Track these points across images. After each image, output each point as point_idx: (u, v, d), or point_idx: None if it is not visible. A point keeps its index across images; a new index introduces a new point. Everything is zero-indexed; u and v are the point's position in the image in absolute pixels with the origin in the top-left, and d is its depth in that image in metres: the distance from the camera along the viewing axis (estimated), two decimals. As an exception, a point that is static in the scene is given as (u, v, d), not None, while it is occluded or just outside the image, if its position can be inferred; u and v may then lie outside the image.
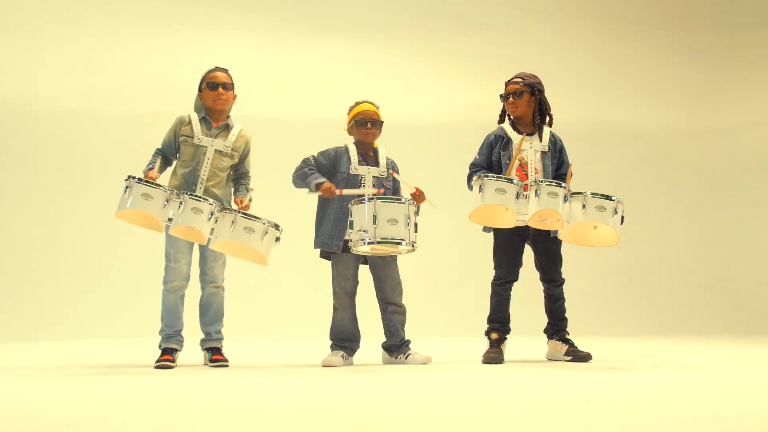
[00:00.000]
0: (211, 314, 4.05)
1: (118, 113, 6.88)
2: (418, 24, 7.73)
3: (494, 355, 4.03)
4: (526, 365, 3.98)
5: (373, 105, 4.11)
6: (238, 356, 4.27)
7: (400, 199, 3.68)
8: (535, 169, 4.06)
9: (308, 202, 4.13)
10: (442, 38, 7.72)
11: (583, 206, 3.56)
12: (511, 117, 4.21)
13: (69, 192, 6.64)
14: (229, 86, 4.05)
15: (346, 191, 3.87)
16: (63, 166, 6.64)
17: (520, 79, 4.17)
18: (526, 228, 3.98)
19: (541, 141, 4.15)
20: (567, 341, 4.17)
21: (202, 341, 4.07)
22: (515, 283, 4.19)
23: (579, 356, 4.08)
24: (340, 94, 7.07)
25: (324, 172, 3.98)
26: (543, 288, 4.22)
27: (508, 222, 3.79)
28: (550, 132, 4.21)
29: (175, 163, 4.06)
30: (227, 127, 4.08)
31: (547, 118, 4.22)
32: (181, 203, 3.57)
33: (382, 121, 4.11)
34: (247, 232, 3.61)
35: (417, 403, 2.53)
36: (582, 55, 8.00)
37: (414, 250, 3.69)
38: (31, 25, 6.90)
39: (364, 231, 3.57)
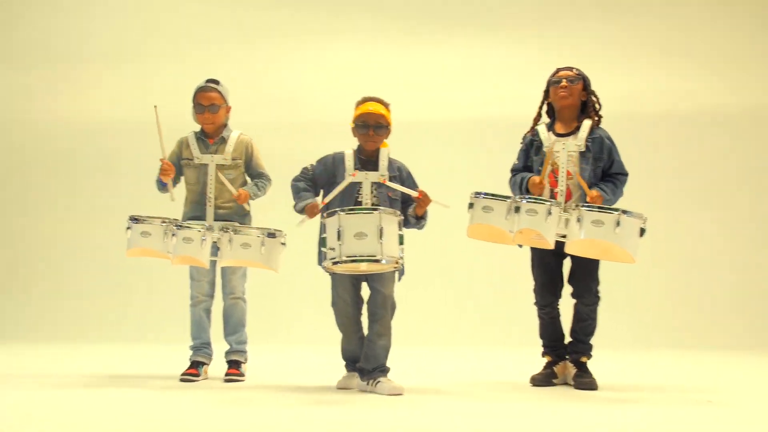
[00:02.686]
0: (231, 325, 4.04)
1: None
2: (550, 11, 7.04)
3: (540, 377, 3.70)
4: (573, 392, 3.55)
5: (381, 104, 3.60)
6: (257, 370, 4.18)
7: (368, 210, 3.25)
8: (568, 173, 3.56)
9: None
10: (576, 25, 6.98)
11: (578, 221, 3.14)
12: (554, 112, 3.73)
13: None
14: (216, 107, 3.99)
15: (327, 198, 3.51)
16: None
17: (573, 68, 3.71)
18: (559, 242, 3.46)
19: (576, 140, 3.61)
20: (579, 365, 3.68)
21: (226, 353, 4.05)
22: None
23: (583, 384, 3.59)
24: (471, 95, 6.89)
25: (323, 181, 3.63)
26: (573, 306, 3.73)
27: (508, 239, 3.38)
28: (591, 127, 3.63)
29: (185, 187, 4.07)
30: (224, 140, 4.02)
31: (596, 118, 3.69)
32: (173, 235, 3.64)
33: (388, 125, 3.60)
34: (244, 248, 3.60)
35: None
36: (736, 33, 6.93)
37: (398, 266, 3.29)
38: (154, 43, 7.17)
39: (332, 249, 3.23)
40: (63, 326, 6.47)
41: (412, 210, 3.54)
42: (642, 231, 3.18)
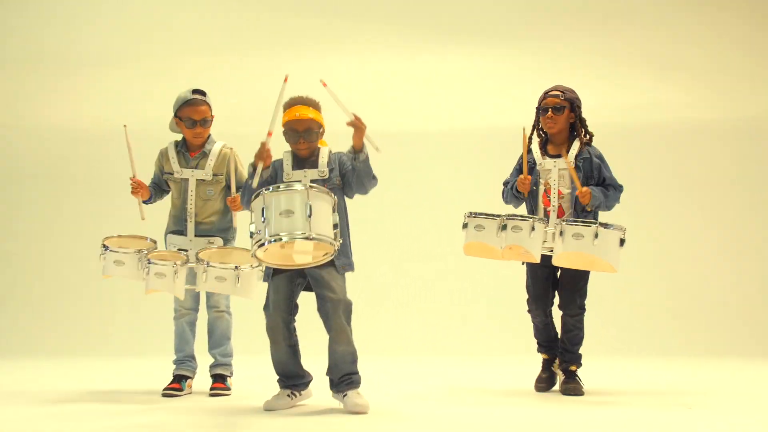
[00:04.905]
0: (215, 338, 3.98)
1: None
2: (547, 23, 7.14)
3: (543, 385, 3.90)
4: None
5: (308, 106, 3.32)
6: (244, 382, 4.16)
7: (294, 186, 2.98)
8: (560, 193, 3.73)
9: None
10: (576, 36, 7.04)
11: (561, 234, 3.38)
12: (544, 134, 3.90)
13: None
14: (208, 121, 3.89)
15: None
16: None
17: (560, 93, 3.81)
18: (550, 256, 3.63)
19: (567, 159, 3.75)
20: (568, 373, 3.80)
21: (210, 367, 4.00)
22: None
23: (568, 390, 3.74)
24: (469, 103, 6.93)
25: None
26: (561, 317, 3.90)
27: (498, 257, 3.59)
28: (580, 147, 3.79)
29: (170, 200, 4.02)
30: (205, 154, 3.92)
31: (585, 137, 3.86)
32: (146, 266, 3.56)
33: (320, 128, 3.34)
34: (218, 281, 3.54)
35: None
36: (730, 45, 7.06)
37: (334, 250, 3.01)
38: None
39: (257, 232, 2.95)
40: (43, 340, 6.37)
41: (350, 149, 3.29)
42: (622, 241, 3.33)
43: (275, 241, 2.91)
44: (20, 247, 6.86)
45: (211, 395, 3.84)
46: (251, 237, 2.99)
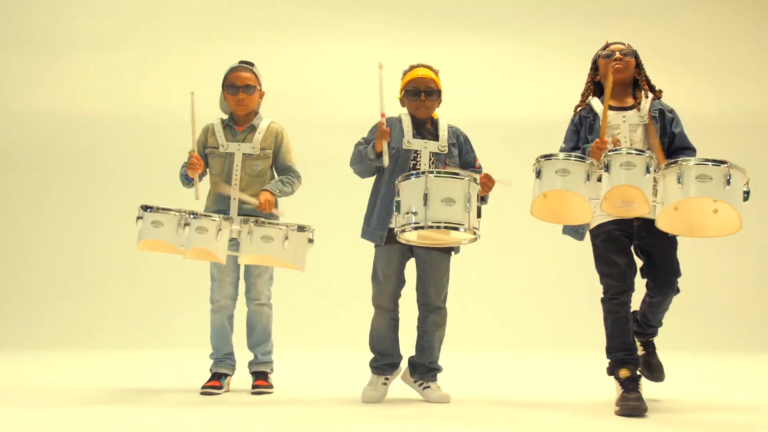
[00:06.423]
0: (256, 334, 3.62)
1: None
2: (551, 17, 6.98)
3: (634, 404, 2.83)
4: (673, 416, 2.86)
5: (431, 70, 3.35)
6: (285, 377, 3.84)
7: (459, 175, 2.93)
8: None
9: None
10: (576, 28, 6.84)
11: (679, 179, 2.50)
12: (602, 90, 3.18)
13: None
14: (251, 88, 3.62)
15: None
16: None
17: (624, 43, 3.27)
18: (628, 222, 2.96)
19: (639, 112, 3.12)
20: (647, 345, 3.28)
21: (250, 364, 3.64)
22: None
23: (649, 368, 3.24)
24: (476, 93, 6.67)
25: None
26: (646, 294, 3.16)
27: (585, 214, 2.78)
28: (653, 100, 3.18)
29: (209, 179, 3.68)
30: (253, 128, 3.64)
31: (650, 92, 3.23)
32: (186, 225, 3.21)
33: (440, 90, 3.32)
34: (265, 241, 3.22)
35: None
36: (734, 40, 6.95)
37: (476, 238, 2.96)
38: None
39: (413, 213, 2.87)
40: (61, 333, 6.07)
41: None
42: (746, 195, 2.59)
43: (435, 228, 2.88)
44: (5, 233, 6.55)
45: (254, 393, 3.48)
46: (398, 210, 2.94)
